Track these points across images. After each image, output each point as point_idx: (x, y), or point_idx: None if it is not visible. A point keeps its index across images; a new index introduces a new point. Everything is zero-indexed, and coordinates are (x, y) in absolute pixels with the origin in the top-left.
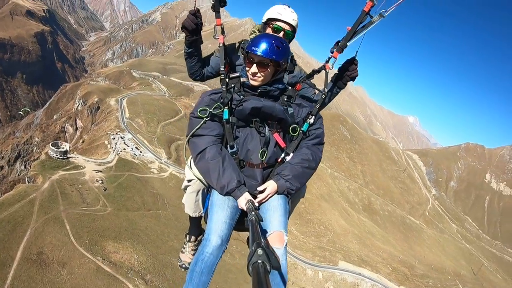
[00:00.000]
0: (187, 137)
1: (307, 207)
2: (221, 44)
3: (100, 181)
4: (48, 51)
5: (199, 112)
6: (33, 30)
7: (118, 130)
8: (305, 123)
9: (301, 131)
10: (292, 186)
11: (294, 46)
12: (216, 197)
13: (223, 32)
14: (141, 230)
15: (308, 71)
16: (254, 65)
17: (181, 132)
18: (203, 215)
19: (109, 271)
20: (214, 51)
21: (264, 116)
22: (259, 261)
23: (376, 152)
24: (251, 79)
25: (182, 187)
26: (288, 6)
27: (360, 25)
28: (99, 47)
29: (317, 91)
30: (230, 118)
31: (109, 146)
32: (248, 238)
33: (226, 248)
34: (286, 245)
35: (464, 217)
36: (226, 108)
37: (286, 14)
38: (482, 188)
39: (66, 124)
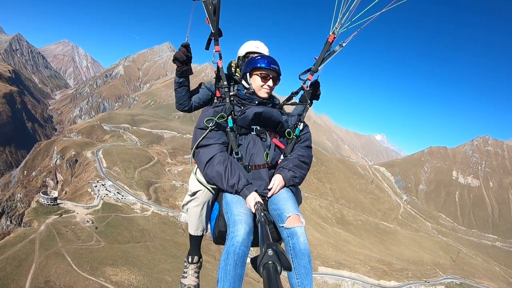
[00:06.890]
0: (193, 149)
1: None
2: (221, 66)
3: (91, 222)
4: (17, 112)
5: (205, 121)
6: (1, 91)
7: (99, 179)
8: (297, 129)
9: (294, 135)
10: (295, 174)
11: None
12: (230, 197)
13: (221, 58)
14: (135, 258)
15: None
16: (271, 79)
17: (156, 176)
18: (205, 233)
19: None
20: (201, 83)
21: (264, 122)
22: (270, 262)
23: (342, 170)
24: (266, 92)
25: (184, 202)
26: (261, 42)
27: (326, 53)
28: (66, 105)
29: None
30: (234, 126)
31: (92, 193)
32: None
33: (252, 240)
34: (304, 225)
35: (438, 214)
36: (229, 117)
37: (262, 48)
38: (451, 184)
39: (47, 179)
